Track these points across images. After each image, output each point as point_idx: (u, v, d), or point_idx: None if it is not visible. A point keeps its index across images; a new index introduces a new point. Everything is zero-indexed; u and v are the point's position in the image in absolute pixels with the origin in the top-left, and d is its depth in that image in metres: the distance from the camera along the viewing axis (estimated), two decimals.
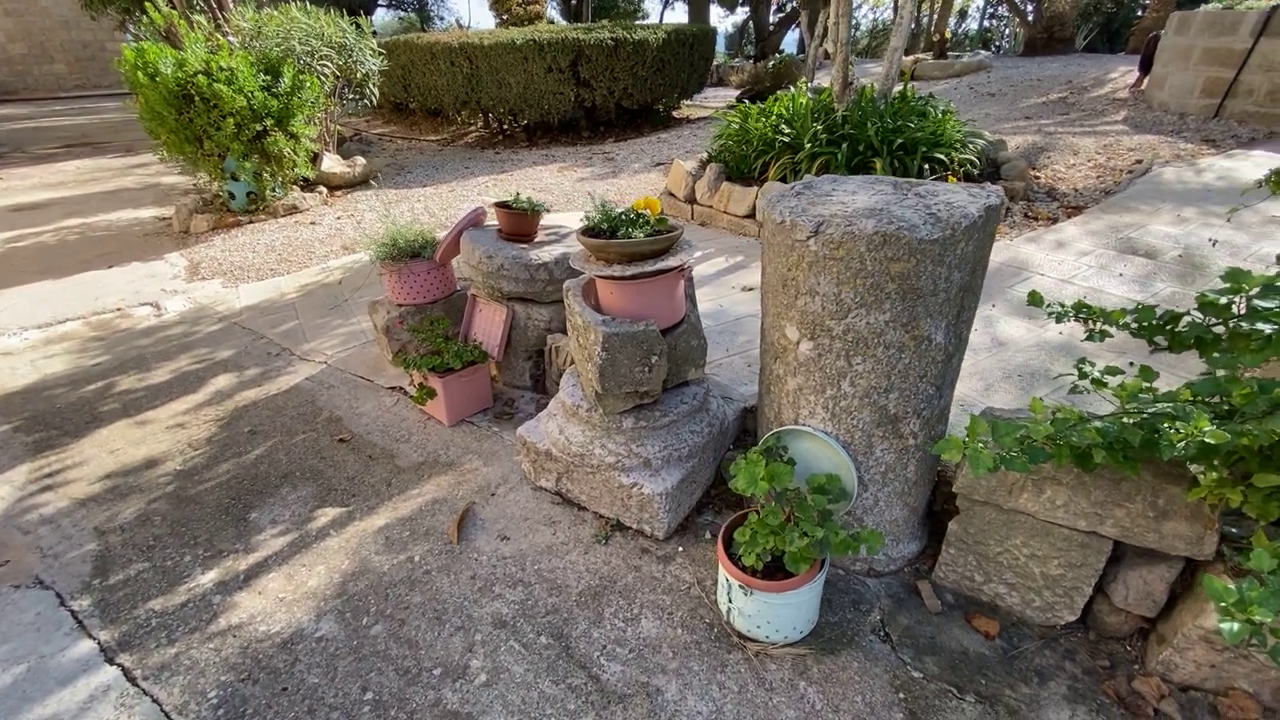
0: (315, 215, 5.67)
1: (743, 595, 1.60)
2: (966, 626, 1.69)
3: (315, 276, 4.36)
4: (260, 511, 2.21)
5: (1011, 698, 1.51)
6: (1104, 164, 5.23)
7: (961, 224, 1.36)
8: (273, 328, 3.65)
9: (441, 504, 2.22)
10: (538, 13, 11.23)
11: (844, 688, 1.54)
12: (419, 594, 1.85)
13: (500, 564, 1.95)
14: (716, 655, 1.63)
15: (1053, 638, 1.64)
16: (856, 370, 1.55)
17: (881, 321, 1.46)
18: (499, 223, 2.78)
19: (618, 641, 1.68)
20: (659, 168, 6.76)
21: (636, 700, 1.52)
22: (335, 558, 1.99)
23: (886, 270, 1.40)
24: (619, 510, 2.05)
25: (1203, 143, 5.55)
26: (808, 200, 1.57)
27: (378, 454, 2.51)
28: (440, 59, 7.82)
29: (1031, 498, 1.53)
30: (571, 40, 7.11)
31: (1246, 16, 6.03)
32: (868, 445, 1.65)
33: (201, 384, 3.08)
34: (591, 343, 1.84)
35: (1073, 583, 1.57)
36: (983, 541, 1.67)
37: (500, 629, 1.72)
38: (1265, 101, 5.95)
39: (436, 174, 7.03)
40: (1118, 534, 1.47)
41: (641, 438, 2.00)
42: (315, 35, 5.59)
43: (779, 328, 1.66)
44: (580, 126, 8.33)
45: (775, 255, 1.59)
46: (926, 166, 4.29)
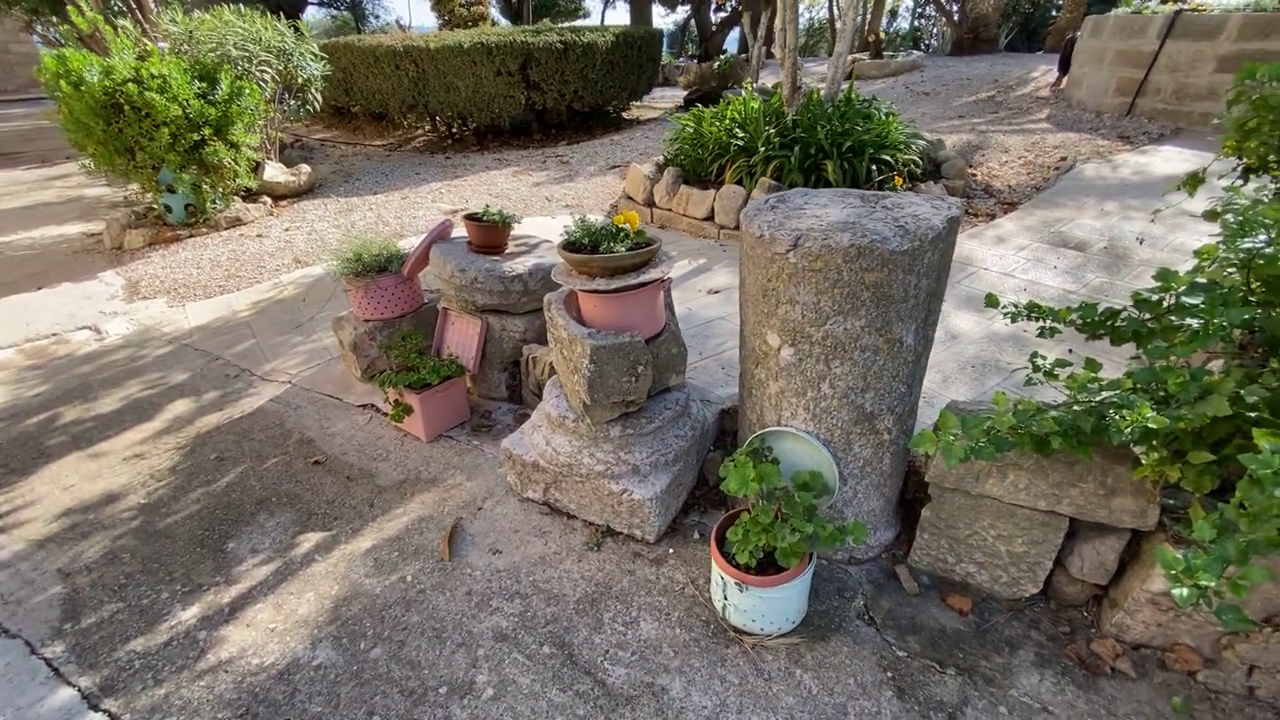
0: (261, 227, 5.46)
1: (738, 592, 1.68)
2: (942, 605, 1.82)
3: (269, 292, 4.21)
4: (238, 541, 2.15)
5: (987, 667, 1.64)
6: (1033, 161, 5.59)
7: (928, 236, 1.47)
8: (228, 348, 3.52)
9: (428, 522, 2.21)
10: (481, 14, 11.06)
11: (836, 671, 1.64)
12: (416, 614, 1.85)
13: (495, 577, 1.97)
14: (715, 651, 1.70)
15: (1019, 609, 1.79)
16: (835, 373, 1.64)
17: (858, 327, 1.56)
18: (469, 235, 2.77)
19: (619, 645, 1.73)
20: (614, 171, 6.81)
21: (643, 700, 1.58)
22: (324, 583, 1.97)
23: (861, 280, 1.50)
24: (609, 517, 2.10)
25: (1118, 139, 5.99)
26: (783, 214, 1.66)
27: (356, 474, 2.48)
28: (384, 62, 7.62)
29: (996, 483, 1.67)
30: (520, 43, 7.06)
31: (1153, 20, 6.53)
32: (846, 442, 1.75)
33: (157, 411, 2.95)
34: (578, 356, 1.88)
35: (1035, 558, 1.72)
36: (953, 525, 1.80)
37: (502, 642, 1.75)
38: (1171, 100, 6.47)
39: (387, 181, 6.87)
40: (1073, 511, 1.62)
41: (629, 445, 2.05)
42: (252, 40, 5.37)
43: (760, 335, 1.74)
44: (531, 129, 8.28)
45: (755, 267, 1.67)
46: (874, 167, 4.49)
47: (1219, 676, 1.55)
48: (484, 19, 11.08)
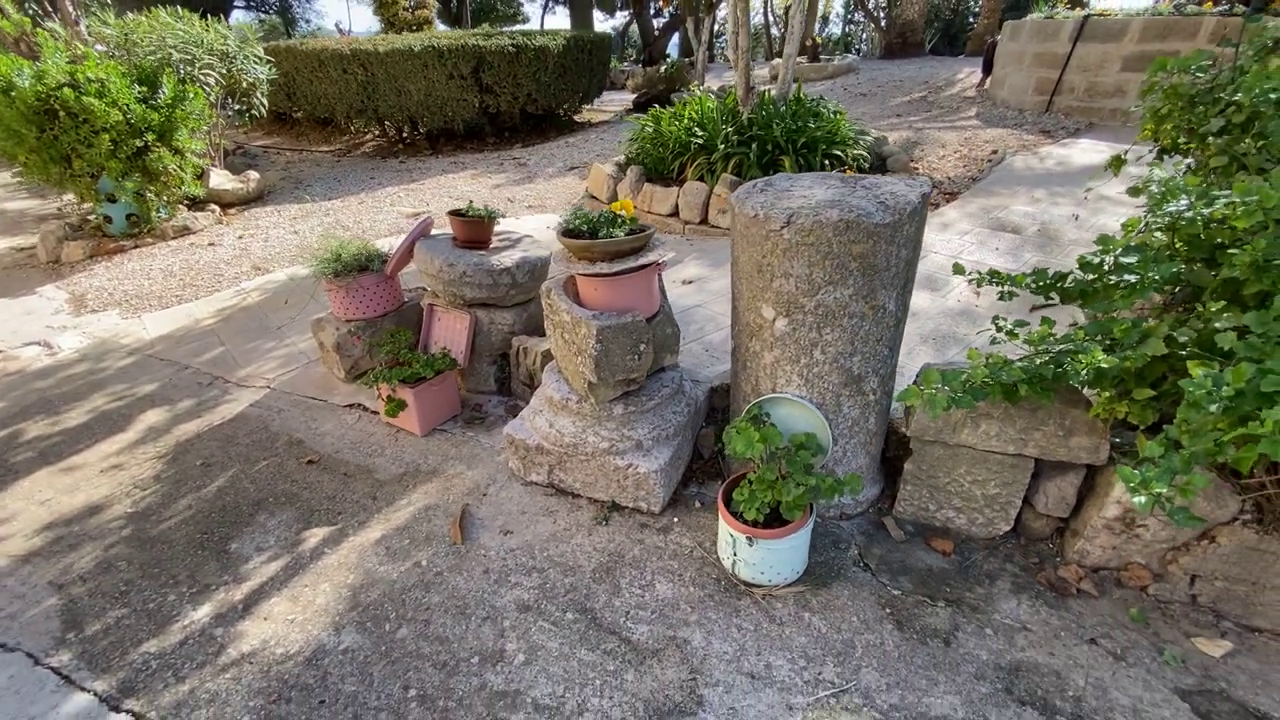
0: (212, 236, 5.27)
1: (747, 546, 1.81)
2: (928, 548, 2.00)
3: (231, 300, 4.10)
4: (241, 541, 2.14)
5: (971, 598, 1.82)
6: (967, 155, 6.00)
7: (906, 209, 1.64)
8: (196, 356, 3.42)
9: (434, 510, 2.25)
10: (425, 17, 10.92)
11: (841, 612, 1.79)
12: (436, 594, 1.89)
13: (510, 555, 2.03)
14: (729, 603, 1.82)
15: (994, 546, 1.99)
16: (826, 340, 1.80)
17: (846, 296, 1.72)
18: (454, 231, 2.81)
19: (639, 606, 1.83)
20: (573, 172, 6.88)
21: (668, 651, 1.69)
22: (338, 574, 1.98)
23: (849, 251, 1.65)
24: (615, 492, 2.19)
25: (1040, 134, 6.50)
26: (773, 195, 1.80)
27: (353, 471, 2.48)
28: (330, 66, 7.45)
29: (970, 432, 1.86)
30: (472, 46, 7.05)
31: (1065, 25, 7.11)
32: (837, 404, 1.91)
33: (128, 422, 2.86)
34: (583, 337, 1.97)
35: (1007, 498, 1.92)
36: (934, 475, 1.99)
37: (526, 612, 1.82)
38: (1084, 97, 7.05)
39: (340, 186, 6.73)
40: (1038, 453, 1.82)
41: (631, 422, 2.16)
42: (194, 42, 5.19)
43: (755, 309, 1.88)
44: (485, 133, 8.26)
45: (749, 245, 1.81)
46: (827, 162, 4.74)
47: (1166, 588, 1.78)
48: (428, 23, 10.94)
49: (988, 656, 1.65)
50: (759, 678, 1.61)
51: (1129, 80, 6.70)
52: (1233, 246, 1.52)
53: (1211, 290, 1.56)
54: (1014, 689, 1.56)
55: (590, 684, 1.61)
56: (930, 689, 1.57)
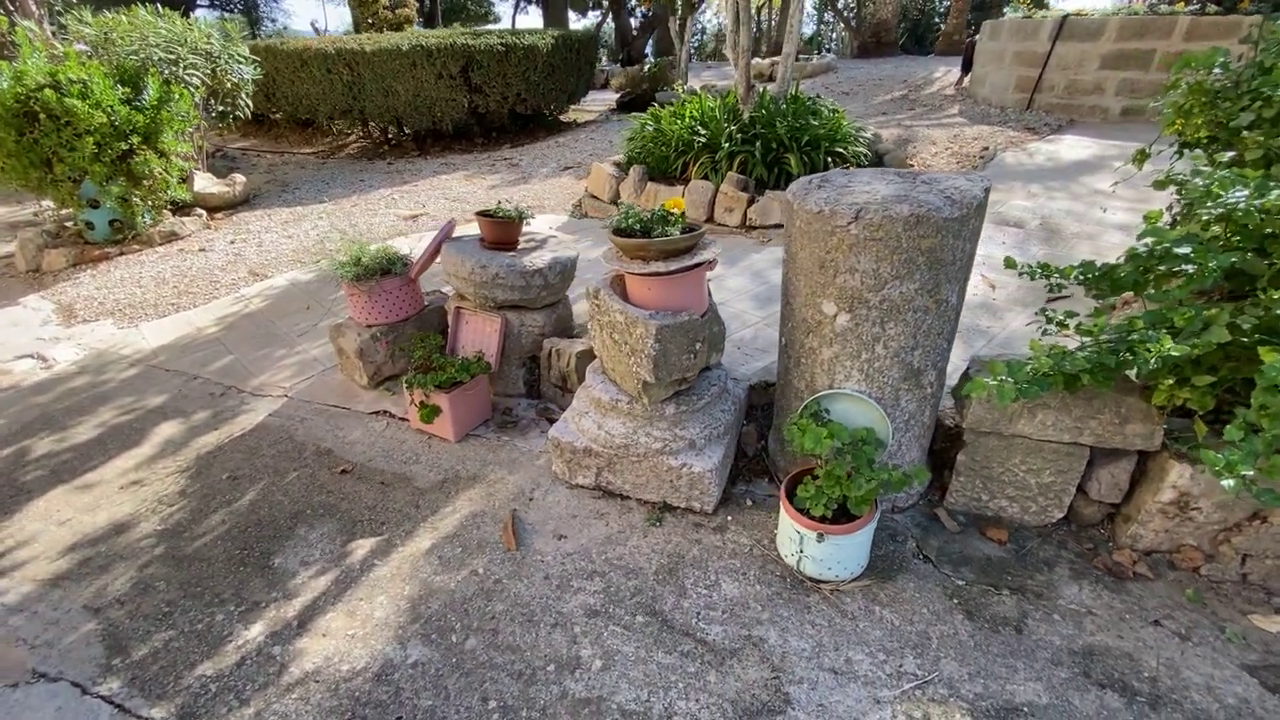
0: (202, 241, 5.10)
1: (816, 542, 1.81)
2: (983, 538, 2.03)
3: (232, 307, 3.97)
4: (284, 556, 2.06)
5: (1033, 585, 1.85)
6: (958, 151, 6.12)
7: (973, 204, 1.66)
8: (204, 366, 3.30)
9: (481, 517, 2.21)
10: (407, 16, 10.72)
11: (910, 604, 1.80)
12: (499, 602, 1.85)
13: (568, 560, 2.00)
14: (798, 600, 1.82)
15: (1047, 534, 2.03)
16: (889, 334, 1.81)
17: (911, 290, 1.73)
18: (482, 232, 2.76)
19: (708, 606, 1.82)
20: (567, 172, 6.84)
21: (745, 651, 1.68)
22: (393, 585, 1.93)
23: (918, 246, 1.66)
24: (667, 492, 2.18)
25: (1025, 130, 6.66)
26: (833, 191, 1.81)
27: (390, 479, 2.42)
28: (314, 66, 7.26)
29: (1027, 423, 1.89)
30: (461, 46, 6.94)
31: (1044, 24, 7.31)
32: (895, 398, 1.92)
33: (143, 436, 2.74)
34: (639, 337, 1.95)
35: (1061, 486, 1.96)
36: (987, 466, 2.01)
37: (595, 618, 1.79)
38: (1064, 94, 7.26)
39: (329, 189, 6.57)
40: (1094, 441, 1.86)
41: (683, 421, 2.14)
42: (177, 41, 5.01)
43: (814, 305, 1.88)
44: (473, 133, 8.15)
45: (810, 241, 1.81)
46: (830, 160, 4.79)
47: (1218, 568, 1.83)
48: (410, 22, 10.75)
49: (1060, 642, 1.68)
50: (842, 673, 1.61)
51: (1107, 78, 6.92)
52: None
53: (1269, 278, 1.61)
54: (1091, 672, 1.59)
55: (674, 687, 1.59)
56: (1011, 676, 1.59)
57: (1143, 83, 6.70)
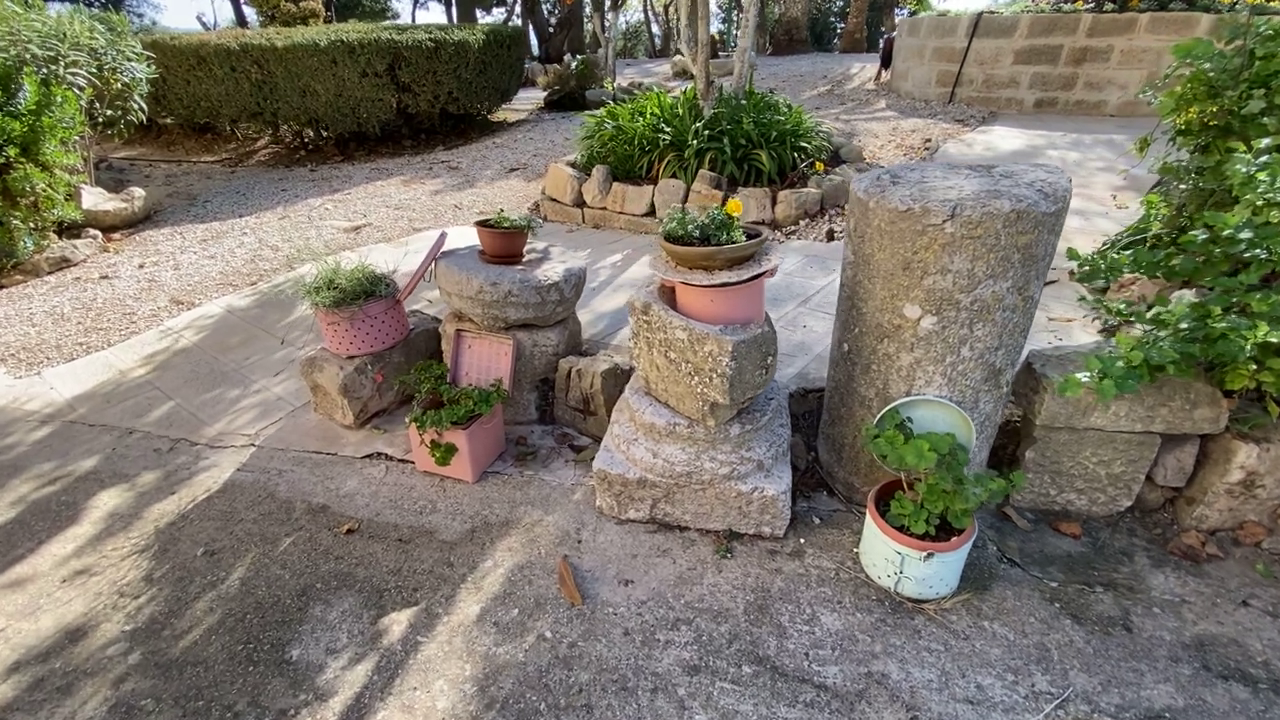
0: (101, 266, 4.39)
1: (919, 562, 1.70)
2: (1056, 534, 2.00)
3: (159, 343, 3.40)
4: (302, 645, 1.72)
5: (1121, 579, 1.83)
6: (902, 144, 6.32)
7: (1065, 197, 1.60)
8: (139, 417, 2.79)
9: (529, 568, 1.95)
10: (312, 10, 9.82)
11: (1015, 614, 1.73)
12: (583, 671, 1.62)
13: (643, 609, 1.79)
14: (904, 625, 1.71)
15: (1115, 523, 2.03)
16: (976, 336, 1.72)
17: (1003, 289, 1.65)
18: (484, 244, 2.48)
19: (814, 644, 1.67)
20: (514, 174, 6.49)
21: (872, 691, 1.54)
22: (450, 666, 1.65)
23: (1015, 243, 1.58)
24: (734, 520, 2.01)
25: (955, 123, 6.99)
26: (913, 189, 1.70)
27: (408, 535, 2.10)
28: (214, 64, 6.47)
29: (1101, 415, 1.87)
30: (386, 42, 6.40)
31: (961, 20, 7.70)
32: (975, 401, 1.85)
33: (78, 511, 2.25)
34: (708, 354, 1.77)
35: (1131, 475, 1.96)
36: (1057, 461, 1.99)
37: (697, 674, 1.60)
38: (982, 88, 7.69)
39: (247, 200, 5.87)
40: (1164, 428, 1.86)
41: (748, 442, 1.98)
42: (55, 36, 4.27)
43: (893, 309, 1.77)
44: (401, 135, 7.58)
45: (893, 242, 1.69)
46: (796, 155, 4.78)
47: (1278, 540, 1.89)
48: (316, 16, 9.86)
49: (1170, 637, 1.66)
50: (978, 702, 1.51)
51: (1021, 72, 7.38)
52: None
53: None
54: (1210, 665, 1.58)
55: None
56: (1140, 681, 1.55)
57: (1052, 76, 7.20)
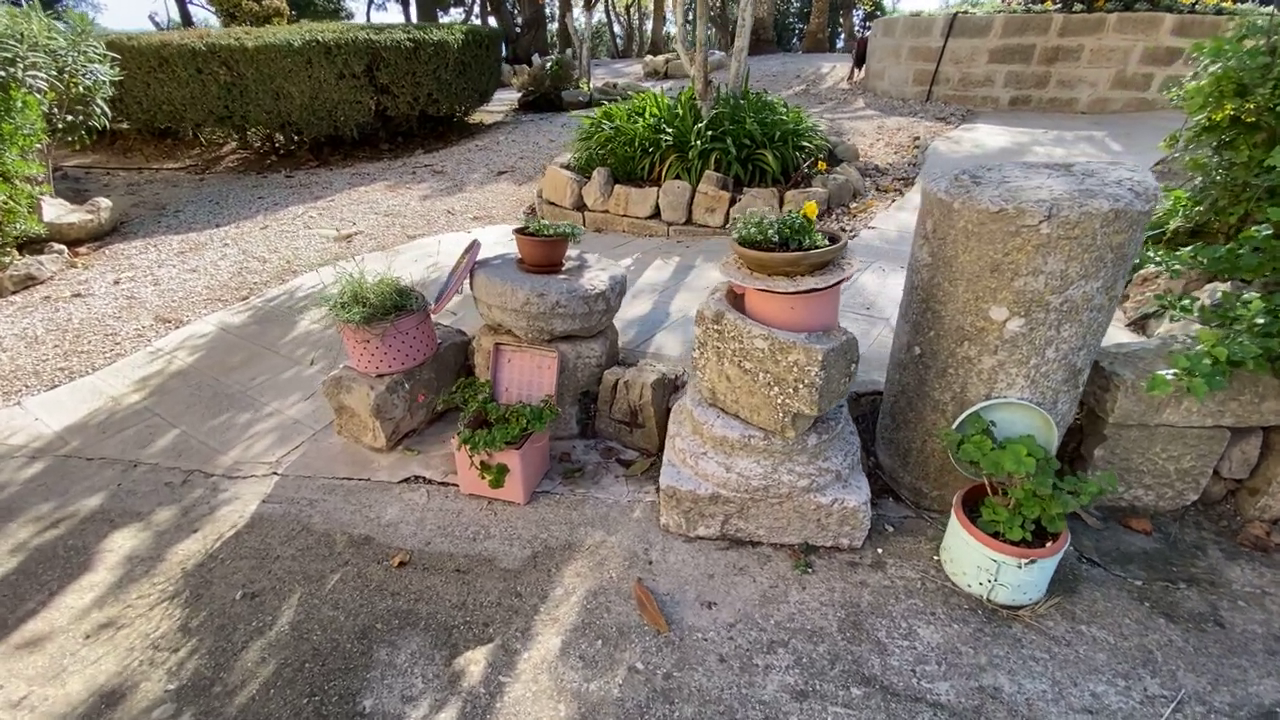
0: (72, 284, 4.07)
1: (1015, 570, 1.67)
2: (1127, 531, 2.00)
3: (150, 365, 3.16)
4: (374, 694, 1.59)
5: (1200, 574, 1.84)
6: (890, 142, 6.39)
7: (1155, 195, 1.59)
8: (142, 448, 2.57)
9: (603, 594, 1.85)
10: (276, 8, 9.37)
11: (1109, 616, 1.72)
12: (686, 705, 1.53)
13: (734, 633, 1.71)
14: (1004, 634, 1.68)
15: (1181, 517, 2.05)
16: (1063, 337, 1.70)
17: (1093, 289, 1.63)
18: (522, 253, 2.36)
19: (918, 660, 1.62)
20: (503, 177, 6.32)
21: (988, 707, 1.50)
22: (542, 708, 1.54)
23: (1109, 242, 1.56)
24: (811, 533, 1.95)
25: (937, 120, 7.12)
26: (999, 189, 1.67)
27: (465, 565, 1.98)
28: (178, 66, 6.09)
29: (1173, 411, 1.88)
30: (364, 41, 6.14)
31: (936, 20, 7.85)
32: (1054, 402, 1.83)
33: (91, 556, 2.05)
34: (796, 364, 1.70)
35: (1200, 470, 1.97)
36: (1127, 458, 1.99)
37: (806, 700, 1.53)
38: (959, 87, 7.85)
39: (223, 210, 5.56)
40: (1233, 422, 1.88)
41: (824, 452, 1.92)
42: (13, 36, 3.93)
43: (977, 311, 1.74)
44: (378, 139, 7.31)
45: (980, 243, 1.66)
46: (799, 154, 4.76)
47: None
48: (280, 14, 9.41)
49: (1261, 630, 1.67)
50: (1096, 711, 1.48)
51: (996, 71, 7.57)
52: None
53: None
54: None
55: None
56: (1245, 678, 1.54)
57: (1026, 74, 7.40)
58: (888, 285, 3.42)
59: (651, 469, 2.37)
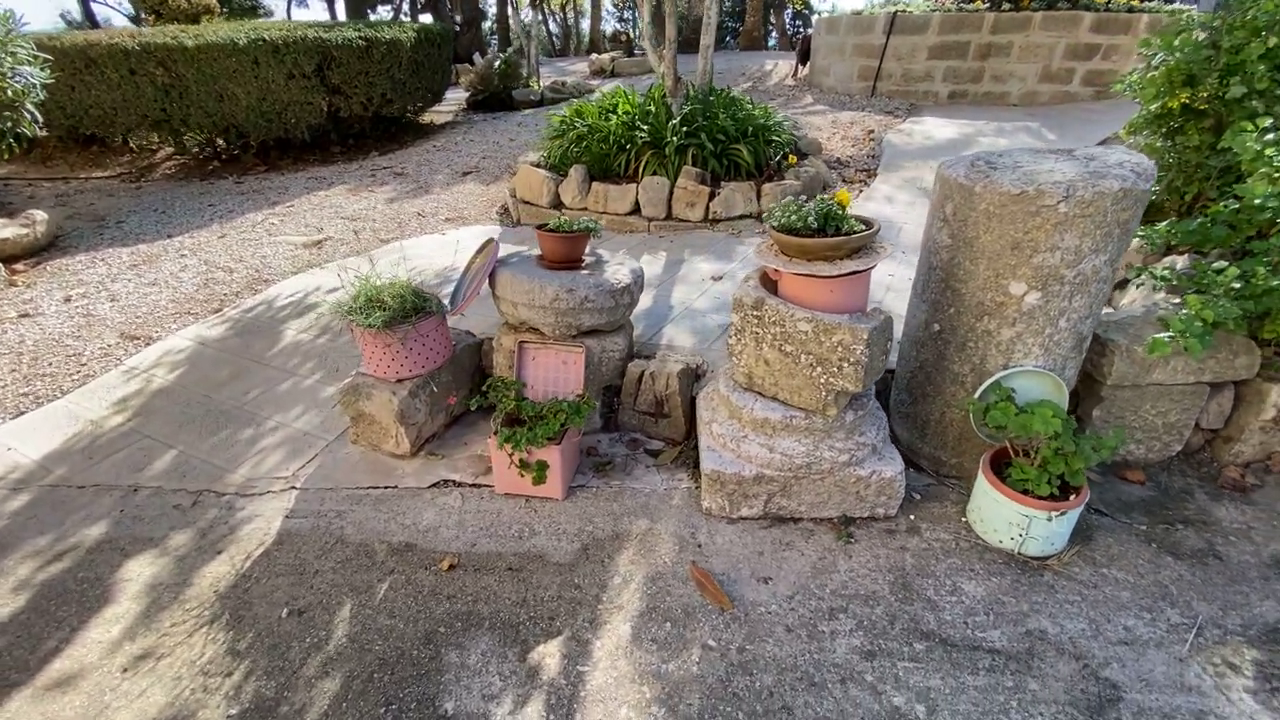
0: (17, 304, 3.75)
1: (1045, 522, 1.82)
2: (1124, 482, 2.20)
3: (128, 385, 2.97)
4: (454, 698, 1.58)
5: (1192, 515, 2.05)
6: (846, 134, 6.65)
7: (1152, 175, 1.76)
8: (138, 472, 2.43)
9: (660, 579, 1.89)
10: (206, 5, 8.79)
11: (1125, 559, 1.89)
12: (765, 674, 1.60)
13: (794, 604, 1.79)
14: (1038, 583, 1.82)
15: (1167, 466, 2.26)
16: (1074, 308, 1.86)
17: (1102, 262, 1.79)
18: (545, 250, 2.36)
19: (968, 612, 1.74)
20: (468, 177, 6.20)
21: (1039, 648, 1.63)
22: (627, 692, 1.57)
23: (1118, 219, 1.72)
24: (849, 505, 2.05)
25: (885, 114, 7.45)
26: (1016, 173, 1.80)
27: (517, 563, 1.97)
28: (107, 67, 5.66)
29: (1161, 371, 2.08)
30: (314, 40, 5.88)
31: (878, 18, 8.21)
32: (1063, 368, 2.00)
33: (108, 588, 1.93)
34: (842, 344, 1.79)
35: (1184, 423, 2.19)
36: (1121, 416, 2.19)
37: (875, 658, 1.62)
38: (901, 82, 8.24)
39: (170, 219, 5.22)
40: (1211, 378, 2.10)
41: (860, 427, 2.03)
42: None
43: (997, 288, 1.87)
44: (330, 141, 7.02)
45: (1001, 224, 1.79)
46: (770, 149, 4.91)
47: None
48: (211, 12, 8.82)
49: (1253, 559, 1.87)
50: (1133, 643, 1.63)
51: (935, 67, 7.98)
52: None
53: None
54: None
55: (1011, 708, 1.49)
56: (1248, 601, 1.74)
57: (963, 70, 7.84)
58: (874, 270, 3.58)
59: (679, 457, 2.42)
